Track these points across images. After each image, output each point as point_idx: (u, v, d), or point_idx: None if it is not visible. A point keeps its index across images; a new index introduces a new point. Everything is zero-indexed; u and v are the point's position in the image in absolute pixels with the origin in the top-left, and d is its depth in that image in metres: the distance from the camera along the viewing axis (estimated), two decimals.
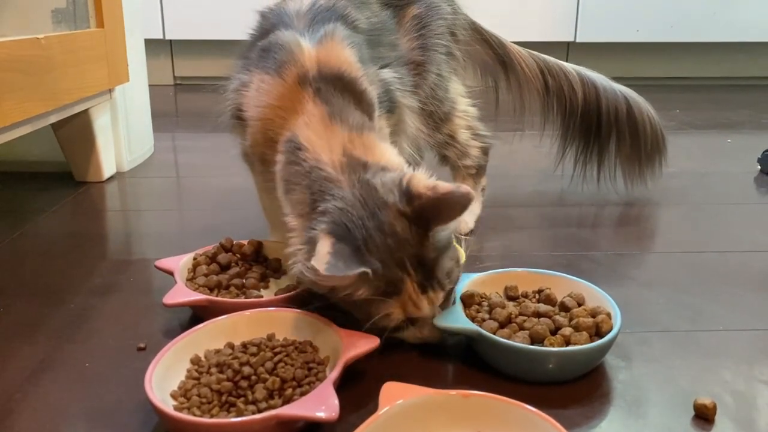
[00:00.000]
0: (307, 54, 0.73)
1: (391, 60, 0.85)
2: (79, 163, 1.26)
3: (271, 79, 0.73)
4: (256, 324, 0.66)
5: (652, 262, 0.92)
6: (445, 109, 0.96)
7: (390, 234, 0.62)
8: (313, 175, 0.67)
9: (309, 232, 0.64)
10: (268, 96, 0.73)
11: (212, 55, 2.38)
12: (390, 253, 0.61)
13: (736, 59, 2.55)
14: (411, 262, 0.62)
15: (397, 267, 0.62)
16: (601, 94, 1.12)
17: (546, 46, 2.13)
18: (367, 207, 0.63)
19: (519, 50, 1.10)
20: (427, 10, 0.94)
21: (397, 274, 0.62)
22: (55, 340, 0.70)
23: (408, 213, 0.62)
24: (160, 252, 0.88)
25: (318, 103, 0.71)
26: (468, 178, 1.03)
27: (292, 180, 0.69)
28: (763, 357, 0.68)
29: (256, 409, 0.54)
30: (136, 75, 1.36)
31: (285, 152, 0.71)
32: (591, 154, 1.16)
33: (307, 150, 0.69)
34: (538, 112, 1.13)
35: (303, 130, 0.70)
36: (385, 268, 0.61)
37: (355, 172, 0.66)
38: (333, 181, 0.66)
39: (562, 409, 0.59)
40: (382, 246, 0.61)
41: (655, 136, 1.16)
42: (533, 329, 0.65)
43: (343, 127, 0.70)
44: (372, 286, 0.61)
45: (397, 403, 0.52)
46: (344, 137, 0.69)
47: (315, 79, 0.72)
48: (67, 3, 1.18)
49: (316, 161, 0.68)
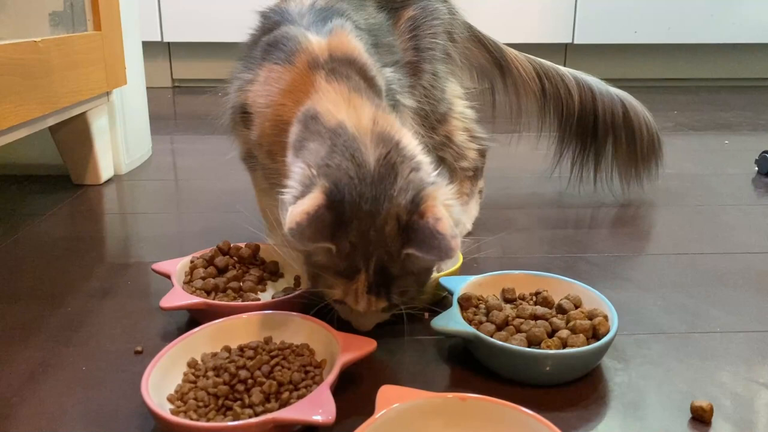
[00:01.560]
0: (316, 43, 0.73)
1: (388, 62, 0.85)
2: (76, 166, 1.26)
3: (280, 68, 0.73)
4: (253, 327, 0.66)
5: (649, 264, 0.92)
6: (441, 110, 0.96)
7: (377, 228, 0.60)
8: (335, 132, 0.65)
9: (309, 176, 0.62)
10: (279, 83, 0.72)
11: (210, 58, 2.38)
12: (365, 244, 0.60)
13: (734, 61, 2.55)
14: (376, 262, 0.61)
15: (362, 259, 0.61)
16: (597, 98, 1.12)
17: (544, 47, 2.14)
18: (375, 188, 0.61)
19: (515, 53, 1.10)
20: (422, 11, 0.94)
21: (359, 265, 0.61)
22: (52, 344, 0.70)
23: (403, 222, 0.61)
24: (158, 255, 0.88)
25: (333, 81, 0.69)
26: (465, 181, 1.03)
27: (308, 138, 0.67)
28: (761, 359, 0.68)
29: (253, 413, 0.54)
30: (133, 78, 1.36)
31: (301, 121, 0.69)
32: (588, 156, 1.17)
33: (326, 115, 0.67)
34: (535, 114, 1.14)
35: (321, 103, 0.68)
36: (351, 254, 0.60)
37: (385, 146, 0.64)
38: (358, 142, 0.63)
39: (559, 411, 0.59)
40: (364, 233, 0.60)
41: (651, 138, 1.17)
42: (530, 332, 0.65)
43: (367, 102, 0.68)
44: (331, 260, 0.61)
45: (393, 406, 0.52)
46: (371, 110, 0.67)
47: (327, 61, 0.71)
48: (65, 6, 1.18)
49: (338, 123, 0.65)
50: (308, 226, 0.57)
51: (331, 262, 0.62)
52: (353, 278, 0.61)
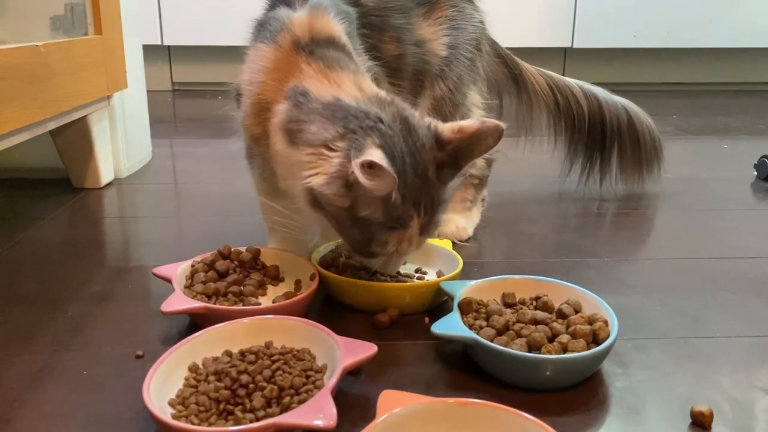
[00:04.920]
0: (297, 23, 0.76)
1: (403, 34, 0.88)
2: (77, 169, 1.26)
3: (266, 46, 0.76)
4: (254, 332, 0.66)
5: (649, 269, 0.92)
6: (458, 115, 0.97)
7: (421, 175, 0.67)
8: (336, 106, 0.69)
9: (352, 140, 0.65)
10: (263, 61, 0.76)
11: (210, 61, 2.39)
12: (414, 191, 0.67)
13: (733, 65, 2.56)
14: (426, 204, 0.68)
15: (413, 206, 0.67)
16: (604, 107, 1.17)
17: (543, 52, 2.15)
18: (407, 143, 0.67)
19: (529, 67, 1.13)
20: (460, 14, 0.95)
21: (410, 211, 0.67)
22: (52, 348, 0.70)
23: (440, 158, 0.68)
24: (158, 259, 0.88)
25: (312, 62, 0.73)
26: (470, 187, 1.03)
27: (304, 119, 0.69)
28: (760, 364, 0.68)
29: (254, 418, 0.54)
30: (134, 81, 1.36)
31: (290, 98, 0.71)
32: (594, 164, 1.21)
33: (315, 91, 0.70)
34: (545, 126, 1.17)
35: (305, 81, 0.72)
36: (404, 203, 0.66)
37: (389, 107, 0.69)
38: (369, 110, 0.68)
39: (559, 416, 0.59)
40: (411, 183, 0.67)
41: (653, 144, 1.22)
42: (530, 336, 0.65)
43: (345, 71, 0.73)
44: (388, 212, 0.66)
45: (394, 411, 0.52)
46: (351, 78, 0.72)
47: (308, 43, 0.75)
48: (66, 10, 1.19)
49: (333, 97, 0.69)
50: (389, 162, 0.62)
51: (388, 215, 0.67)
52: (407, 225, 0.68)
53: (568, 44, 2.43)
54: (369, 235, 0.68)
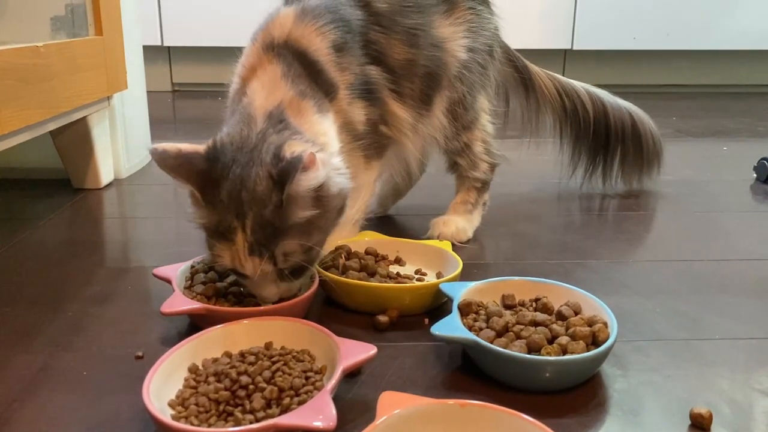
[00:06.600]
0: (279, 23, 0.80)
1: (416, 38, 0.88)
2: (77, 170, 1.26)
3: (250, 42, 0.82)
4: (253, 333, 0.66)
5: (649, 271, 0.92)
6: (468, 118, 0.98)
7: (249, 189, 0.66)
8: (244, 109, 0.74)
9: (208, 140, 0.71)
10: (245, 57, 0.81)
11: (210, 62, 2.39)
12: (236, 202, 0.66)
13: (732, 67, 2.56)
14: (253, 220, 0.66)
15: (236, 217, 0.66)
16: (609, 111, 1.18)
17: (543, 53, 2.15)
18: (249, 154, 0.68)
19: (539, 71, 1.14)
20: (477, 17, 0.96)
21: (233, 222, 0.67)
22: (52, 349, 0.70)
23: (274, 176, 0.66)
24: (158, 260, 0.88)
25: (275, 63, 0.78)
26: (472, 190, 1.03)
27: (231, 113, 0.78)
28: (760, 366, 0.68)
29: (254, 419, 0.54)
30: (134, 82, 1.36)
31: (236, 96, 0.79)
32: (597, 167, 1.23)
33: (250, 94, 0.76)
34: (551, 129, 1.18)
35: (254, 82, 0.77)
36: (221, 210, 0.67)
37: (272, 125, 0.72)
38: (252, 118, 0.72)
39: (558, 418, 0.59)
40: (233, 192, 0.67)
41: (655, 147, 1.24)
42: (530, 338, 0.65)
43: (290, 87, 0.76)
44: (209, 218, 0.68)
45: (394, 412, 0.52)
46: (286, 95, 0.75)
47: (279, 45, 0.79)
48: (66, 11, 1.19)
49: (249, 102, 0.75)
50: (174, 158, 0.66)
51: (209, 221, 0.68)
52: (232, 238, 0.67)
53: (568, 46, 2.44)
54: (209, 244, 0.70)
